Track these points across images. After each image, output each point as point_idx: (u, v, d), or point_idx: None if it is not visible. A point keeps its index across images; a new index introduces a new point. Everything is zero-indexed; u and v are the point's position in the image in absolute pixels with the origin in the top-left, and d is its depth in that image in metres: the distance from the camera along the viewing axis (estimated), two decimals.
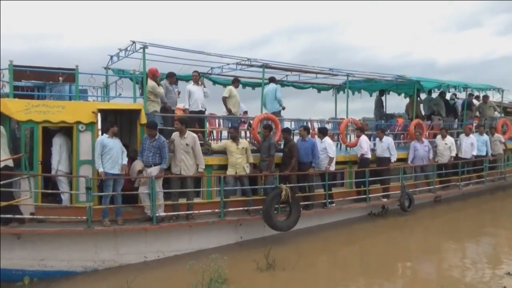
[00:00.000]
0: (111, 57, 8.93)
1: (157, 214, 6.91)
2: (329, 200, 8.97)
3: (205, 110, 9.34)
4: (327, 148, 8.94)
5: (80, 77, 7.20)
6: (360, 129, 10.13)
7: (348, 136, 10.65)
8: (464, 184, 11.78)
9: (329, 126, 11.70)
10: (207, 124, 9.63)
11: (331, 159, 8.93)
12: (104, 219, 6.67)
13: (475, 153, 11.84)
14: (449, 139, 11.38)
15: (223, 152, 8.09)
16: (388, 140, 10.20)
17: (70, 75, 7.52)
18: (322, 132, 9.32)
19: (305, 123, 10.55)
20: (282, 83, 12.13)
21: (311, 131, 10.77)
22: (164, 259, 7.27)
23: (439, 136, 11.51)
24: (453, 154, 11.36)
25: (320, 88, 13.39)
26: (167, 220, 7.18)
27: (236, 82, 9.79)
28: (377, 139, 10.27)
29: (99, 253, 6.78)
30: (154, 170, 7.00)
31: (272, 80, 10.55)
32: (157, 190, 6.94)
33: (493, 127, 13.23)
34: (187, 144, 7.26)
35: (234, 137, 8.00)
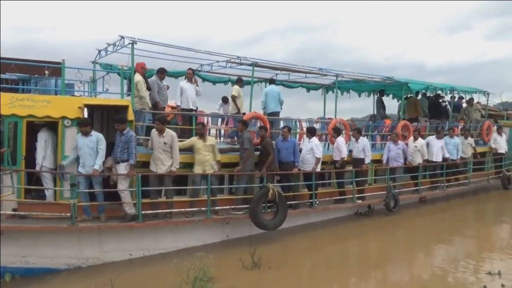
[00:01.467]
0: (99, 51, 8.83)
1: (128, 212, 6.82)
2: (311, 200, 8.93)
3: (197, 108, 9.30)
4: (314, 148, 8.90)
5: (67, 71, 7.10)
6: (337, 130, 9.98)
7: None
8: (443, 186, 11.90)
9: (317, 126, 11.75)
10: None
11: (317, 159, 8.91)
12: (87, 216, 6.61)
13: (447, 155, 11.75)
14: (420, 142, 11.20)
15: (190, 150, 7.82)
16: (363, 141, 10.07)
17: (56, 69, 7.39)
18: (310, 132, 9.29)
19: (294, 123, 10.58)
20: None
21: (299, 131, 10.86)
22: (150, 257, 7.21)
23: (411, 139, 11.32)
24: (424, 157, 11.15)
25: (309, 87, 13.42)
26: (149, 218, 7.09)
27: (240, 81, 10.02)
28: (353, 139, 10.17)
29: (83, 250, 6.69)
30: (121, 167, 6.81)
31: (272, 81, 10.78)
32: (123, 188, 6.78)
33: (467, 129, 13.26)
34: (165, 143, 7.11)
35: (201, 134, 7.76)
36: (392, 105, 15.36)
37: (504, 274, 6.25)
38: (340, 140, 9.72)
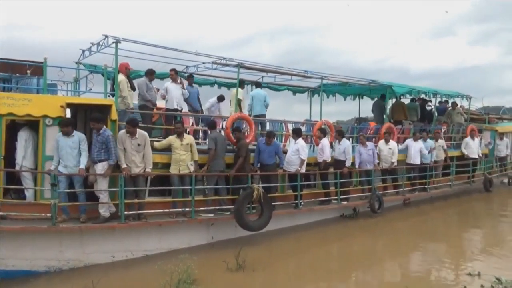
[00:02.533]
0: (83, 51, 8.71)
1: (102, 214, 6.70)
2: (296, 202, 8.90)
3: (182, 109, 9.25)
4: (300, 149, 8.88)
5: (51, 71, 6.98)
6: (322, 131, 9.99)
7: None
8: (426, 188, 12.05)
9: (303, 128, 11.80)
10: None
11: (302, 161, 8.90)
12: (66, 215, 6.50)
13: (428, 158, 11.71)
14: (393, 144, 11.04)
15: (169, 149, 7.64)
16: (345, 143, 10.03)
17: (39, 68, 7.27)
18: (296, 133, 9.29)
19: (279, 124, 10.62)
20: (245, 82, 12.08)
21: (285, 132, 10.90)
22: (133, 259, 7.09)
23: (382, 141, 11.11)
24: (394, 159, 10.95)
25: (296, 90, 13.48)
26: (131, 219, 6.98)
27: (243, 84, 10.26)
28: (336, 141, 10.17)
29: (64, 252, 6.55)
30: (99, 167, 6.67)
31: (258, 84, 10.81)
32: (103, 189, 6.67)
33: (437, 132, 13.05)
34: (138, 144, 6.95)
35: (180, 133, 7.57)
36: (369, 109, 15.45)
37: (483, 275, 6.33)
38: (325, 141, 9.71)
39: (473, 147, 13.67)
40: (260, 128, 10.03)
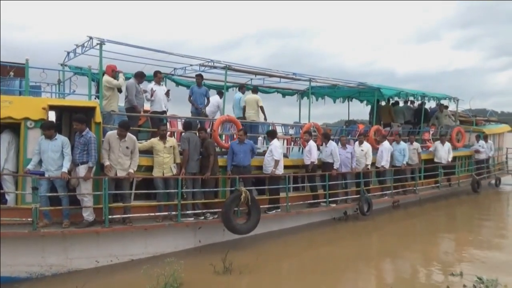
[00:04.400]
0: (68, 53, 8.58)
1: (85, 218, 6.56)
2: (272, 205, 8.76)
3: (167, 110, 9.16)
4: (273, 150, 8.63)
5: (35, 73, 6.84)
6: (308, 133, 9.89)
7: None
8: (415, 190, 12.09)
9: (292, 131, 11.80)
10: (168, 125, 9.42)
11: (276, 161, 8.64)
12: (48, 220, 6.37)
13: (383, 163, 11.08)
14: (366, 146, 10.76)
15: (150, 152, 7.51)
16: (331, 145, 9.90)
17: (22, 70, 7.11)
18: (271, 135, 9.02)
19: (268, 127, 10.57)
20: (247, 87, 12.10)
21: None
22: (118, 264, 6.96)
23: (356, 143, 10.90)
24: (368, 162, 10.71)
25: (285, 93, 13.47)
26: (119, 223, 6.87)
27: (244, 88, 10.81)
28: (323, 144, 10.10)
29: (47, 257, 6.39)
30: (81, 169, 6.54)
31: (240, 88, 10.88)
32: (85, 192, 6.54)
33: (411, 134, 12.88)
34: (127, 147, 6.86)
35: (163, 135, 7.49)
36: (359, 111, 15.60)
37: (466, 275, 6.42)
38: (312, 143, 9.65)
39: (441, 152, 13.04)
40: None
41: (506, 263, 7.21)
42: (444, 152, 13.04)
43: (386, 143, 11.20)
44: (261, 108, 10.31)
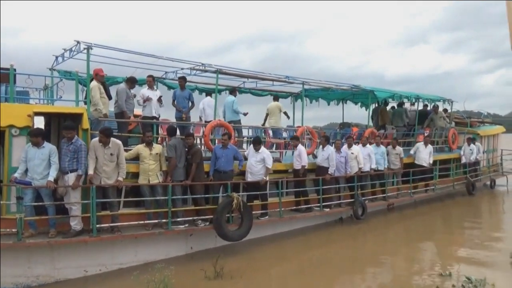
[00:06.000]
0: (56, 57, 8.44)
1: (73, 227, 6.41)
2: (262, 211, 8.62)
3: (159, 116, 9.02)
4: (266, 158, 8.35)
5: (23, 78, 6.69)
6: (296, 138, 9.72)
7: (305, 144, 10.53)
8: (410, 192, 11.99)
9: (285, 134, 11.70)
10: (160, 131, 9.29)
11: (268, 170, 8.44)
12: (33, 230, 6.22)
13: (373, 165, 10.84)
14: (355, 149, 10.50)
15: (138, 158, 7.32)
16: (329, 150, 9.71)
17: (7, 75, 6.94)
18: (258, 142, 8.51)
19: (260, 131, 10.47)
20: (240, 90, 12.00)
21: (266, 139, 10.73)
22: (107, 273, 6.82)
23: (345, 146, 10.54)
24: (361, 165, 10.42)
25: (278, 95, 13.33)
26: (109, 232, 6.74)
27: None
28: (320, 147, 9.91)
29: (33, 268, 6.24)
30: (71, 178, 6.40)
31: (232, 92, 10.79)
32: (74, 201, 6.39)
33: (395, 139, 12.19)
34: (111, 154, 6.68)
35: (149, 142, 7.32)
36: (356, 114, 15.52)
37: (455, 276, 6.50)
38: (301, 147, 9.45)
39: (423, 154, 12.41)
40: (237, 134, 9.84)
41: (494, 263, 7.28)
42: (425, 154, 12.40)
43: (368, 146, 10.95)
44: (285, 113, 11.21)
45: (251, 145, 8.69)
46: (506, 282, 6.18)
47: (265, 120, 11.56)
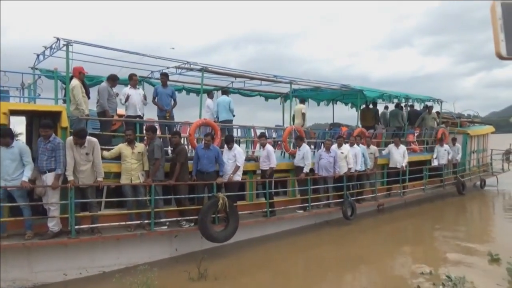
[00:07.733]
0: (38, 56, 8.22)
1: (51, 228, 6.20)
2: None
3: (143, 115, 8.83)
4: (237, 156, 8.16)
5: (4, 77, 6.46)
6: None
7: (291, 144, 10.39)
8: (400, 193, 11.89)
9: (274, 134, 11.57)
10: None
11: (237, 167, 8.19)
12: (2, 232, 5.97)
13: (358, 167, 10.51)
14: (345, 148, 10.26)
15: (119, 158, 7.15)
16: (304, 148, 9.51)
17: None
18: (231, 140, 8.40)
19: (248, 130, 10.33)
20: (229, 90, 11.85)
21: (254, 139, 10.58)
22: (88, 276, 6.61)
23: (334, 145, 10.25)
24: (350, 165, 10.21)
25: (268, 96, 13.24)
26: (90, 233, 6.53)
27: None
28: (297, 147, 9.70)
29: (9, 271, 5.99)
30: (49, 177, 6.19)
31: (225, 92, 10.64)
32: (53, 201, 6.19)
33: (370, 137, 11.91)
34: (87, 153, 6.48)
35: (131, 141, 7.14)
36: (349, 115, 15.43)
37: (435, 274, 6.50)
38: (270, 148, 9.02)
39: (395, 156, 11.93)
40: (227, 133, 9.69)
41: (474, 262, 7.32)
42: (398, 156, 11.90)
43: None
44: (303, 114, 11.37)
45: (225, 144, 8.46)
46: (484, 279, 6.20)
47: (293, 121, 11.63)
